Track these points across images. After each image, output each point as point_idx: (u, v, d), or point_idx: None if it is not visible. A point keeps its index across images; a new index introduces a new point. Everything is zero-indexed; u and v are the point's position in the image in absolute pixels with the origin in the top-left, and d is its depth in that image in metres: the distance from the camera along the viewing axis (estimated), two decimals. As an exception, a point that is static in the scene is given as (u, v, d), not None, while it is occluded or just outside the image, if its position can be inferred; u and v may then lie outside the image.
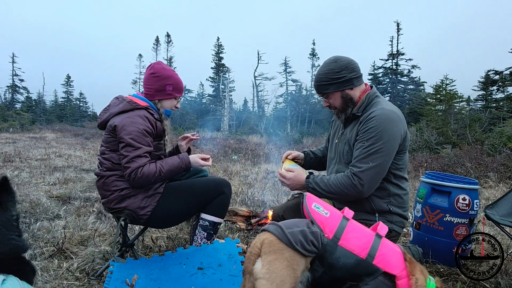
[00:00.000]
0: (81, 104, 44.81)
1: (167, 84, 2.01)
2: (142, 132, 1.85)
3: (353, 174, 1.67)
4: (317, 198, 1.49)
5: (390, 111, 1.71)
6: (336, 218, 1.41)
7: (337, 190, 1.70)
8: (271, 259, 1.26)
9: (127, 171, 1.80)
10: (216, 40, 37.51)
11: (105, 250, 2.35)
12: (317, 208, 1.41)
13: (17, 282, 0.91)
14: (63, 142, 12.18)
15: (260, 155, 9.69)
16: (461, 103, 16.81)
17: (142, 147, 1.84)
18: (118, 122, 1.86)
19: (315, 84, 1.87)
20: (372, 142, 1.66)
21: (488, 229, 3.14)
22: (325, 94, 1.85)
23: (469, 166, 6.89)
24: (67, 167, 6.25)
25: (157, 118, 1.99)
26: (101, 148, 1.99)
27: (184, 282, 1.72)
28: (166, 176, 1.90)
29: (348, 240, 1.34)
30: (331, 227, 1.36)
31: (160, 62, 2.10)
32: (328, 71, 1.79)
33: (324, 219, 1.38)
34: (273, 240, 1.31)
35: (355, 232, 1.37)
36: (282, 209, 2.04)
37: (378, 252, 1.32)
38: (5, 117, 22.59)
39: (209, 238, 2.01)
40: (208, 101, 39.16)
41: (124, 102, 1.96)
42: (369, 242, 1.35)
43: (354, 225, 1.42)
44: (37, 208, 3.30)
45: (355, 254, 1.31)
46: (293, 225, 1.37)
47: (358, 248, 1.32)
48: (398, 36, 29.08)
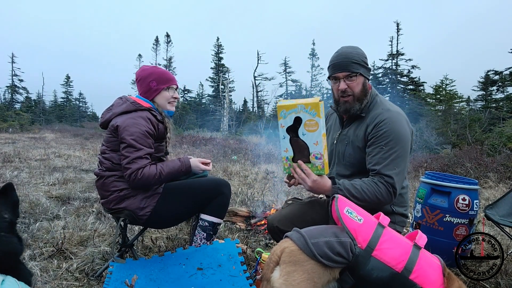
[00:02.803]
0: (80, 104, 44.89)
1: (149, 81, 2.00)
2: (144, 133, 1.85)
3: (387, 182, 1.59)
4: (350, 202, 1.38)
5: (396, 112, 1.69)
6: (371, 225, 1.29)
7: (372, 197, 1.58)
8: (290, 270, 1.20)
9: (128, 172, 1.80)
10: (216, 40, 37.58)
11: (104, 250, 2.35)
12: (350, 214, 1.29)
13: (15, 282, 0.91)
14: (63, 142, 12.17)
15: (259, 155, 9.68)
16: (461, 103, 16.84)
17: (144, 148, 1.84)
18: (121, 122, 1.86)
19: (343, 60, 1.68)
20: (391, 146, 1.61)
21: (488, 229, 3.14)
22: (352, 74, 1.68)
23: (469, 166, 6.89)
24: (66, 167, 6.25)
25: (159, 119, 1.99)
26: (102, 147, 1.99)
27: (184, 283, 1.72)
28: (166, 178, 1.90)
29: (383, 250, 1.22)
30: (364, 235, 1.25)
31: (143, 66, 2.09)
32: (359, 53, 1.70)
33: (357, 227, 1.26)
34: (294, 250, 1.24)
35: (391, 242, 1.25)
36: (276, 219, 1.85)
37: (416, 266, 1.20)
38: (4, 117, 22.58)
39: (209, 238, 2.01)
40: (208, 101, 39.19)
41: (127, 102, 1.96)
42: (406, 254, 1.22)
43: (391, 233, 1.30)
44: (36, 209, 3.29)
45: (390, 266, 1.20)
46: (318, 234, 1.28)
47: (394, 260, 1.21)
48: (398, 36, 29.14)
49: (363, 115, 1.75)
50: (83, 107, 45.18)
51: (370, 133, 1.68)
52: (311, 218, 1.80)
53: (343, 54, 1.72)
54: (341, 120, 1.89)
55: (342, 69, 1.70)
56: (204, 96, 41.12)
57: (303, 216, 1.83)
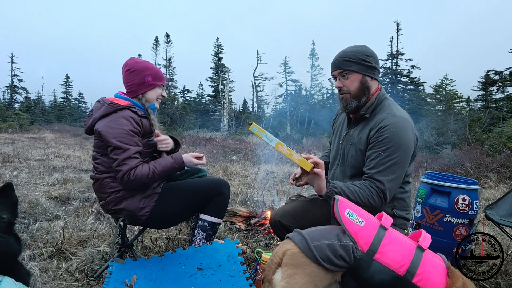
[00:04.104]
0: (80, 104, 44.81)
1: (145, 75, 1.97)
2: (128, 132, 1.82)
3: (378, 188, 1.60)
4: (351, 204, 1.35)
5: (402, 118, 1.66)
6: (372, 227, 1.26)
7: (365, 201, 1.59)
8: (291, 272, 1.19)
9: (119, 174, 1.77)
10: (215, 40, 37.57)
11: (104, 250, 2.35)
12: (351, 216, 1.27)
13: (13, 283, 0.91)
14: (62, 143, 12.17)
15: (259, 155, 9.68)
16: (461, 103, 16.86)
17: (131, 148, 1.80)
18: (102, 126, 1.83)
19: (338, 58, 1.73)
20: (389, 152, 1.60)
21: (488, 229, 3.14)
22: (345, 72, 1.71)
23: (469, 167, 6.90)
24: (66, 167, 6.24)
25: (141, 115, 1.94)
26: (93, 153, 1.98)
27: (184, 283, 1.72)
28: (160, 177, 1.88)
29: (385, 253, 1.20)
30: (366, 238, 1.23)
31: (132, 57, 2.06)
32: (357, 51, 1.71)
33: (359, 229, 1.24)
34: (296, 252, 1.23)
35: (394, 244, 1.23)
36: (279, 214, 1.90)
37: (420, 269, 1.17)
38: (4, 117, 22.58)
39: (208, 238, 2.01)
40: (208, 101, 39.15)
41: (105, 105, 1.91)
42: (409, 256, 1.20)
43: (393, 235, 1.27)
44: (36, 209, 3.29)
45: (392, 270, 1.18)
46: (320, 236, 1.26)
47: (396, 263, 1.18)
48: (398, 36, 29.12)
49: (367, 116, 1.74)
50: (83, 107, 45.09)
51: (372, 136, 1.67)
52: (313, 215, 1.82)
53: (340, 52, 1.75)
54: (349, 119, 1.88)
55: (335, 67, 1.75)
56: (204, 96, 41.12)
57: (305, 213, 1.85)
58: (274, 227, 1.92)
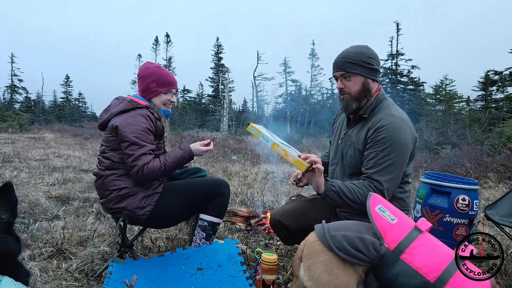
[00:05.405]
0: (80, 104, 44.82)
1: (149, 82, 2.01)
2: (145, 130, 1.87)
3: (376, 188, 1.60)
4: (384, 201, 1.31)
5: (400, 118, 1.66)
6: (405, 227, 1.21)
7: (363, 200, 1.58)
8: (309, 263, 1.20)
9: (134, 169, 1.81)
10: (215, 40, 37.59)
11: (104, 250, 2.35)
12: (382, 212, 1.23)
13: (12, 283, 0.91)
14: (62, 143, 12.16)
15: (259, 155, 9.68)
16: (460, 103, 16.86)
17: (147, 145, 1.86)
18: (120, 122, 1.87)
19: (340, 59, 1.72)
20: (387, 153, 1.60)
21: (488, 229, 3.14)
22: (348, 74, 1.70)
23: (468, 167, 6.90)
24: (66, 167, 6.24)
25: (156, 117, 2.00)
26: (101, 147, 1.99)
27: (183, 283, 1.72)
28: (171, 168, 1.93)
29: (414, 255, 1.13)
30: (395, 236, 1.17)
31: (147, 62, 2.10)
32: (360, 52, 1.70)
33: (388, 226, 1.19)
34: (313, 241, 1.23)
35: (427, 248, 1.15)
36: (279, 213, 1.90)
37: (454, 278, 1.08)
38: (4, 117, 22.58)
39: (208, 238, 2.01)
40: (208, 101, 39.16)
41: (124, 102, 1.98)
42: (443, 264, 1.11)
43: (428, 239, 1.19)
44: (36, 209, 3.29)
45: (421, 273, 1.09)
46: (341, 227, 1.24)
47: (427, 267, 1.10)
48: (398, 36, 29.16)
49: (365, 116, 1.74)
50: (83, 107, 45.12)
51: (370, 136, 1.67)
52: (313, 215, 1.83)
53: (342, 53, 1.74)
54: (348, 119, 1.89)
55: (338, 68, 1.74)
56: (203, 96, 41.12)
57: (305, 213, 1.87)
58: (274, 227, 1.93)
